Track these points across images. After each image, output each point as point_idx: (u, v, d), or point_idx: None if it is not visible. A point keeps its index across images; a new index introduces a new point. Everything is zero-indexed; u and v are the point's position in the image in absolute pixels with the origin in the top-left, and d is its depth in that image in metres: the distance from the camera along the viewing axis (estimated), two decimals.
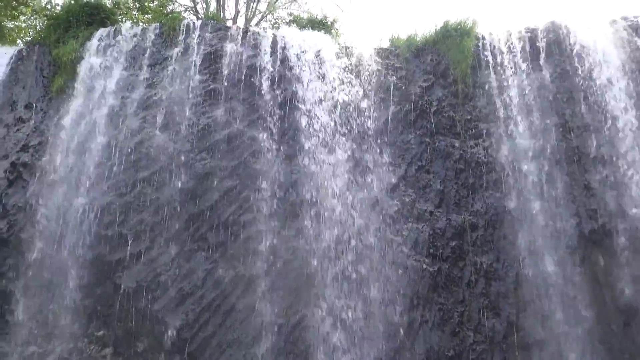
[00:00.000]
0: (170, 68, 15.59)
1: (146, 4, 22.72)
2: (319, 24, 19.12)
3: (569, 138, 14.89)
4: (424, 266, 13.92)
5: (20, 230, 14.11)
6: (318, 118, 15.09)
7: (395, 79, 16.03)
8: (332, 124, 15.09)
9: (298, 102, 15.23)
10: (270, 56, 15.85)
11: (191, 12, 22.76)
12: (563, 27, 16.14)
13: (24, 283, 13.69)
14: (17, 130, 15.32)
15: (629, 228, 13.82)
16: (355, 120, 15.31)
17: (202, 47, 15.87)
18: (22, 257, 13.85)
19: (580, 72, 15.39)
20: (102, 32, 16.56)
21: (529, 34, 16.33)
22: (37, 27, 19.58)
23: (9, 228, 14.15)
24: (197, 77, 15.39)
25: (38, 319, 13.44)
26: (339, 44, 16.88)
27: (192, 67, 15.54)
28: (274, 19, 23.10)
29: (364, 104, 15.59)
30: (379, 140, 15.18)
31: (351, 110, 15.41)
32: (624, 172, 14.29)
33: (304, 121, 15.00)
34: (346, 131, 15.10)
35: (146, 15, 21.03)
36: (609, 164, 14.46)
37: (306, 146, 14.74)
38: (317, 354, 13.04)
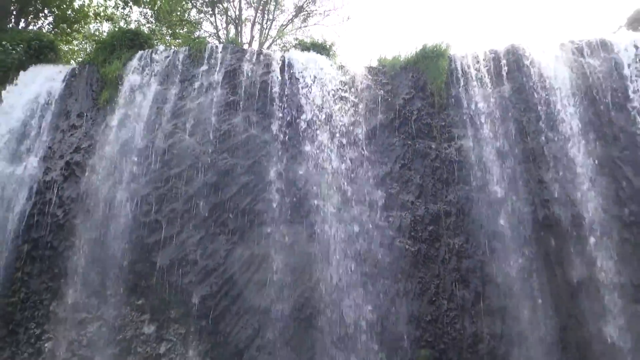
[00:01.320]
0: (197, 83, 15.61)
1: (177, 30, 22.69)
2: (320, 47, 19.08)
3: (526, 141, 14.88)
4: (407, 247, 13.93)
5: (73, 217, 14.17)
6: (318, 124, 15.09)
7: (382, 92, 16.01)
8: (330, 129, 15.08)
9: (301, 111, 15.23)
10: (279, 74, 15.85)
11: (214, 37, 22.74)
12: (521, 49, 16.13)
13: (77, 261, 13.72)
14: (71, 135, 15.36)
15: (575, 215, 13.82)
16: (349, 126, 15.30)
17: (224, 66, 15.88)
18: (76, 240, 13.90)
19: (534, 87, 15.37)
20: (140, 54, 16.57)
21: (492, 55, 16.31)
22: (87, 50, 19.58)
23: (64, 215, 14.21)
24: (219, 91, 15.41)
25: (89, 290, 13.46)
26: (336, 63, 16.85)
27: (215, 83, 15.54)
28: (283, 43, 23.09)
29: (357, 113, 15.55)
30: (368, 143, 15.16)
31: (346, 118, 15.40)
32: (570, 168, 14.30)
33: (306, 127, 15.02)
34: (341, 135, 15.09)
35: (177, 40, 21.01)
36: (558, 161, 14.46)
37: (308, 148, 14.77)
38: (320, 318, 13.09)
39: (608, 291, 13.17)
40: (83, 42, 22.14)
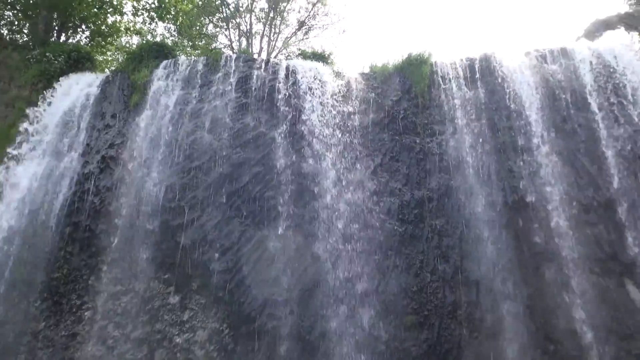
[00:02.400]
0: (214, 88, 15.54)
1: (196, 42, 22.67)
2: (319, 56, 19.06)
3: (497, 136, 14.83)
4: (395, 227, 13.90)
5: (109, 204, 14.15)
6: (318, 123, 15.02)
7: (373, 94, 15.95)
8: (328, 127, 15.02)
9: (303, 111, 15.16)
10: (285, 79, 15.77)
11: (228, 48, 22.68)
12: (492, 57, 16.06)
13: (112, 241, 13.69)
14: (106, 133, 15.32)
15: (539, 199, 13.79)
16: (345, 124, 15.24)
17: (237, 73, 15.81)
18: (111, 223, 13.88)
19: (505, 89, 15.32)
20: (165, 63, 16.49)
21: (468, 62, 16.25)
22: (119, 60, 19.58)
23: (100, 202, 14.20)
24: (233, 94, 15.35)
25: (122, 266, 13.44)
26: (333, 70, 16.81)
27: (229, 88, 15.47)
28: (287, 53, 23.07)
29: (351, 113, 15.49)
30: (362, 138, 15.11)
31: (342, 117, 15.34)
32: (535, 159, 14.28)
33: (308, 125, 14.95)
34: (339, 132, 15.04)
35: (196, 51, 20.97)
36: (524, 153, 14.43)
37: (309, 143, 14.70)
38: (321, 288, 13.07)
39: (568, 265, 13.15)
40: (115, 53, 22.14)
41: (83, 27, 21.25)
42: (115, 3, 21.54)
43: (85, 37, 21.48)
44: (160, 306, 13.12)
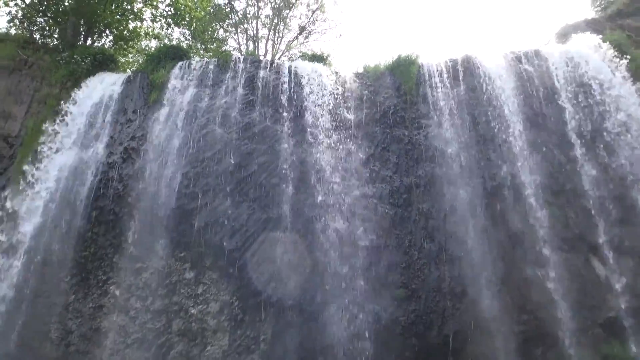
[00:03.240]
0: (224, 86, 15.42)
1: (208, 45, 22.59)
2: (318, 58, 18.91)
3: (477, 128, 14.79)
4: (386, 210, 13.83)
5: (131, 190, 14.07)
6: (317, 117, 14.92)
7: (367, 92, 15.84)
8: (326, 121, 14.93)
9: (304, 108, 15.07)
10: (287, 78, 15.65)
11: (237, 50, 22.54)
12: (473, 58, 15.98)
13: (133, 223, 13.64)
14: (128, 126, 15.21)
15: (514, 185, 13.80)
16: (342, 119, 15.14)
17: (244, 73, 15.69)
18: (132, 207, 13.82)
19: (484, 87, 15.25)
20: (181, 64, 16.35)
21: (451, 63, 16.13)
22: (139, 61, 19.49)
23: (123, 189, 14.11)
24: (241, 92, 15.22)
25: (143, 246, 13.40)
26: (331, 70, 16.66)
27: (238, 86, 15.35)
28: (290, 55, 22.89)
29: (347, 108, 15.39)
30: (356, 131, 15.01)
31: (339, 112, 15.23)
32: (510, 149, 14.24)
33: (308, 120, 14.86)
34: (335, 125, 14.95)
35: (208, 53, 20.83)
36: (501, 144, 14.39)
37: (310, 135, 14.60)
38: (321, 264, 13.04)
39: (540, 243, 13.12)
40: (136, 55, 22.05)
41: (107, 32, 21.20)
42: (135, 10, 21.51)
43: (109, 41, 21.44)
44: (176, 281, 13.07)
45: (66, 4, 19.65)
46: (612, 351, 12.07)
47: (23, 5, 19.53)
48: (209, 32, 23.04)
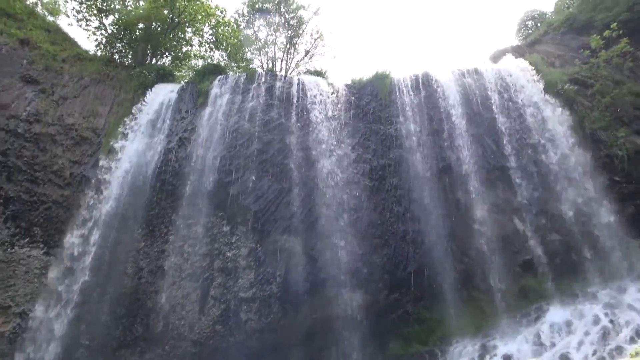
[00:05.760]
0: (250, 94, 14.94)
1: (239, 64, 22.10)
2: (319, 73, 18.47)
3: (432, 124, 14.48)
4: (367, 183, 13.54)
5: (184, 168, 13.77)
6: (317, 114, 14.53)
7: (353, 98, 15.40)
8: (324, 117, 14.55)
9: (309, 109, 14.66)
10: (296, 88, 15.19)
11: (260, 68, 22.01)
12: (430, 73, 15.58)
13: (186, 191, 13.34)
14: (181, 122, 14.82)
15: (459, 165, 13.58)
16: (335, 117, 14.76)
17: (265, 84, 15.18)
18: (185, 180, 13.50)
19: (437, 94, 14.92)
20: (219, 77, 15.83)
21: (414, 77, 15.69)
22: (190, 75, 19.12)
23: (179, 167, 13.81)
24: (263, 97, 14.76)
25: (193, 208, 13.12)
26: (327, 82, 16.17)
27: (261, 93, 14.89)
28: (298, 71, 22.37)
29: (339, 110, 15.01)
30: (345, 126, 14.64)
31: (333, 112, 14.84)
32: (456, 139, 14.00)
33: (311, 116, 14.46)
34: (331, 122, 14.57)
35: (239, 69, 20.30)
36: (449, 135, 14.11)
37: (312, 129, 14.23)
38: (322, 218, 12.85)
39: (477, 208, 12.92)
40: (187, 71, 21.59)
41: (167, 53, 20.73)
42: (187, 38, 21.12)
43: (168, 60, 20.94)
44: (217, 233, 12.81)
45: (137, 33, 19.19)
46: (528, 283, 11.95)
47: (106, 35, 19.09)
48: (240, 54, 22.57)
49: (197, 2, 20.29)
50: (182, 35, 21.19)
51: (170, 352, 11.96)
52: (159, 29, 19.72)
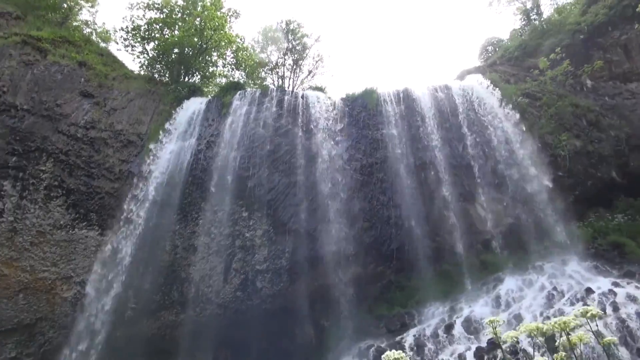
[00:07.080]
0: (264, 106, 14.94)
1: (255, 81, 22.08)
2: (320, 89, 18.46)
3: (411, 131, 14.45)
4: (358, 177, 13.58)
5: (210, 166, 13.75)
6: (318, 122, 14.55)
7: (347, 108, 15.38)
8: (324, 124, 14.57)
9: (311, 117, 14.68)
10: (301, 100, 15.21)
11: (272, 84, 21.98)
12: (409, 89, 15.56)
13: (212, 185, 13.34)
14: (209, 128, 14.80)
15: (431, 162, 13.57)
16: (332, 124, 14.77)
17: (276, 97, 15.19)
18: (212, 175, 13.48)
19: (415, 106, 14.90)
20: (239, 92, 15.82)
21: (397, 92, 15.66)
22: (215, 90, 19.12)
23: (207, 164, 13.81)
24: (274, 109, 14.76)
25: (217, 197, 13.14)
26: (326, 96, 16.17)
27: (273, 105, 14.90)
28: (303, 87, 22.32)
29: (335, 118, 15.02)
30: (340, 132, 14.63)
31: (331, 120, 14.86)
32: (428, 142, 14.00)
33: (313, 124, 14.49)
34: (329, 127, 14.59)
35: (255, 86, 20.30)
36: (424, 139, 14.12)
37: (314, 134, 14.25)
38: (322, 206, 12.87)
39: (448, 197, 12.96)
40: (214, 87, 21.54)
41: (197, 73, 20.77)
42: (213, 60, 21.17)
43: (198, 78, 20.94)
44: (237, 218, 12.90)
45: (173, 56, 19.26)
46: (487, 258, 12.02)
47: (148, 58, 19.24)
48: (256, 74, 22.58)
49: (221, 32, 20.33)
50: (209, 58, 21.21)
51: (200, 313, 12.12)
52: (190, 53, 19.75)
